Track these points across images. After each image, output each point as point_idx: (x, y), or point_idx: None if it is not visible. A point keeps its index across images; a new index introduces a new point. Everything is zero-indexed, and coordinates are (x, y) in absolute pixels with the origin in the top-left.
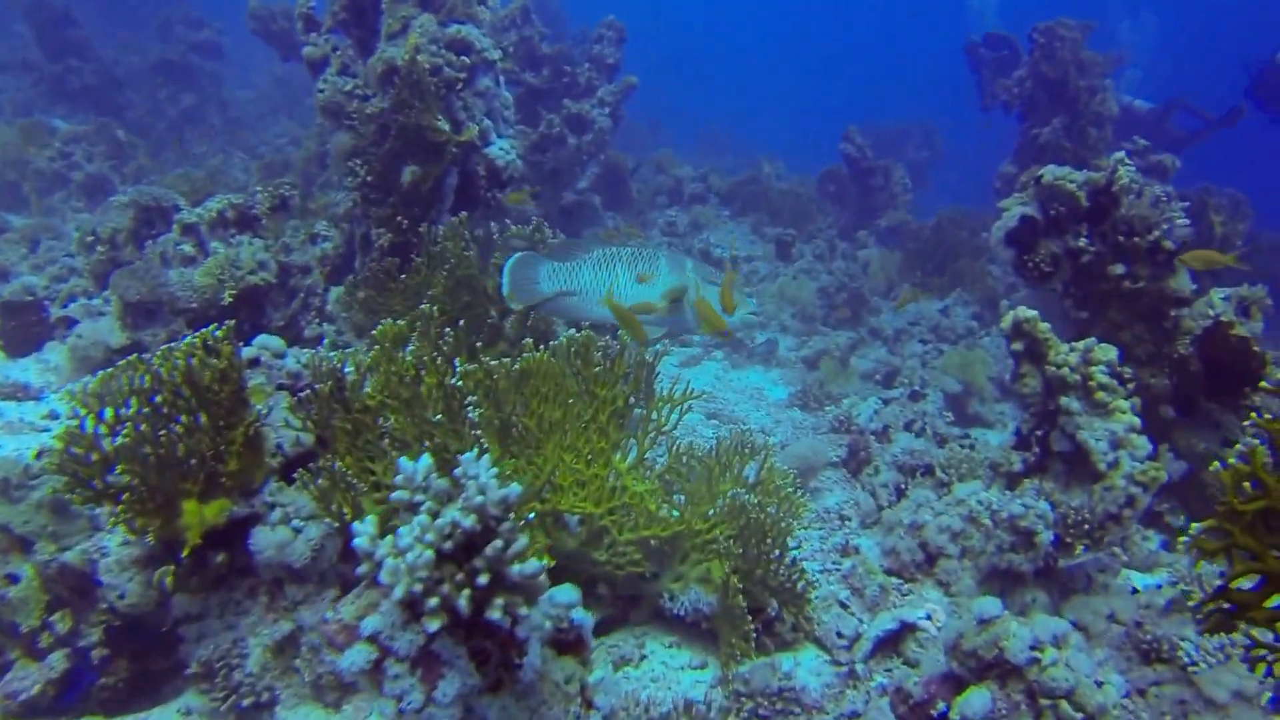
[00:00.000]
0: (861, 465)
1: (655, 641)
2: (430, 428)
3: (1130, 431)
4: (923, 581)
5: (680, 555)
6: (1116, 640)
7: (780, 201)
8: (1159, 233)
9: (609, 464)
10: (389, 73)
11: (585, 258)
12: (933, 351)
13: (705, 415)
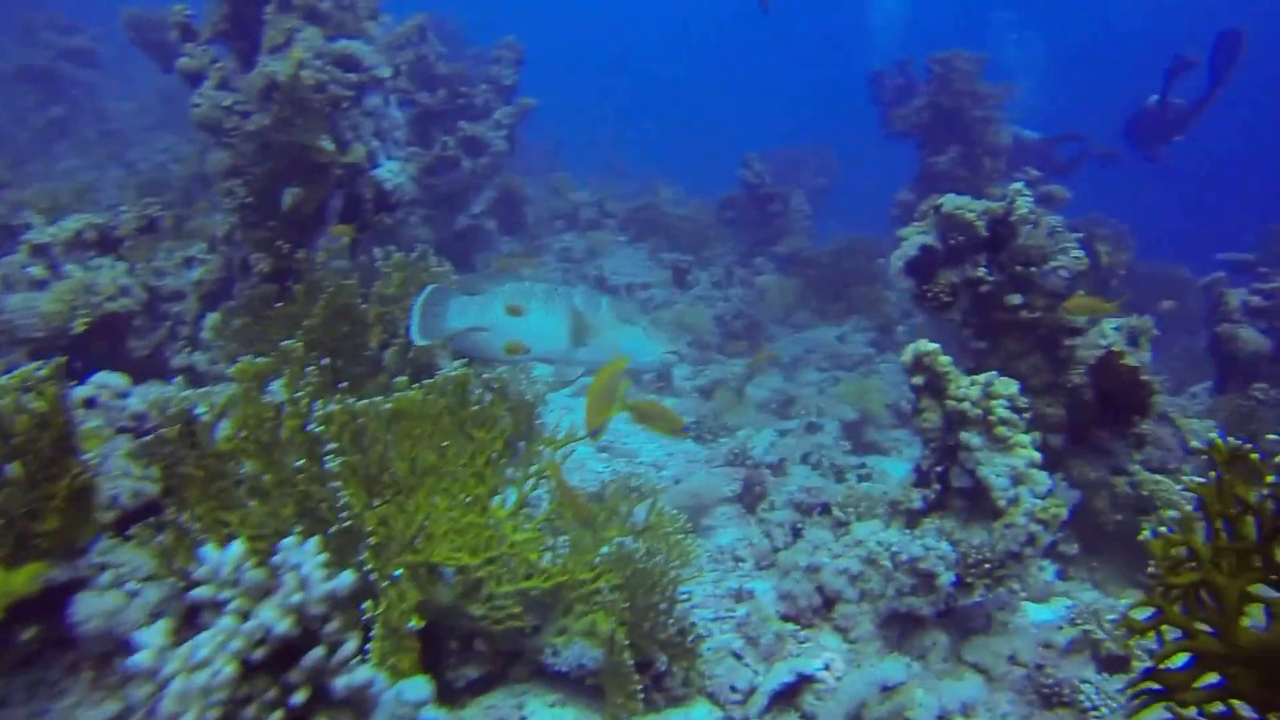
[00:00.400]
0: (757, 500)
1: (537, 700)
2: (293, 475)
3: (1030, 466)
4: (820, 627)
5: (563, 607)
6: (1018, 683)
7: (678, 227)
8: (1055, 263)
9: (487, 511)
10: (270, 88)
11: (497, 291)
12: (830, 379)
13: (596, 448)
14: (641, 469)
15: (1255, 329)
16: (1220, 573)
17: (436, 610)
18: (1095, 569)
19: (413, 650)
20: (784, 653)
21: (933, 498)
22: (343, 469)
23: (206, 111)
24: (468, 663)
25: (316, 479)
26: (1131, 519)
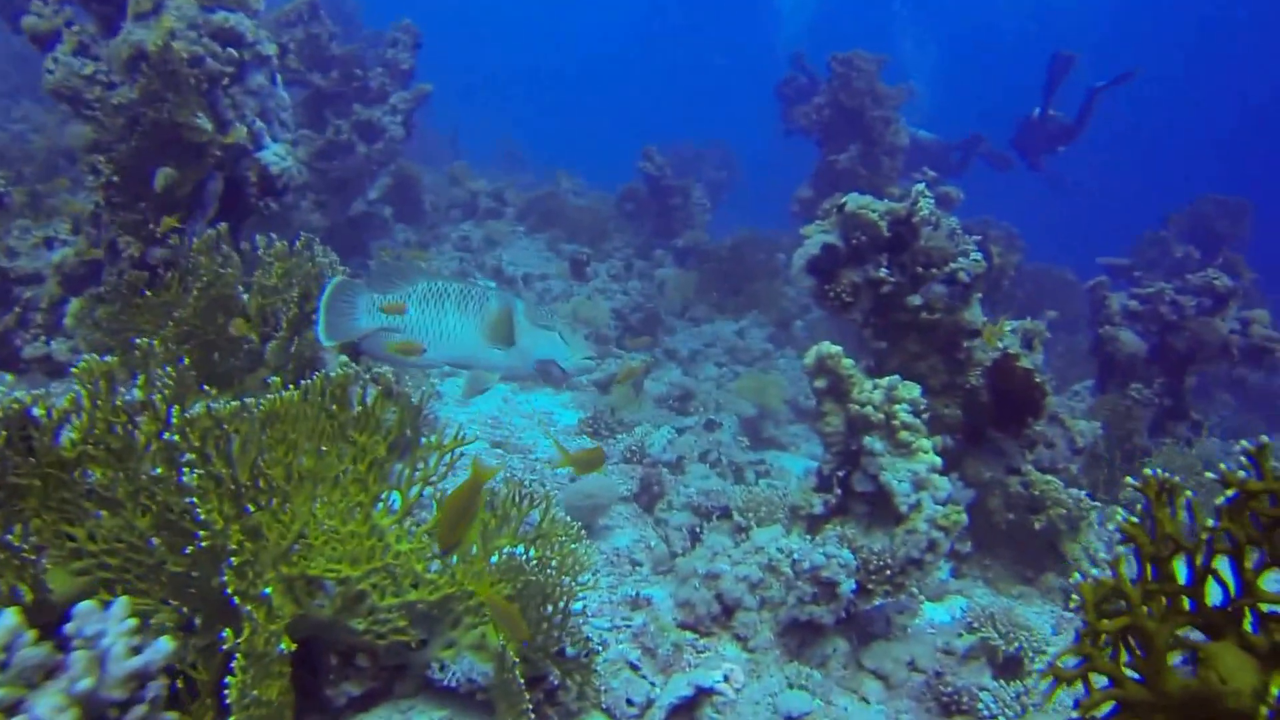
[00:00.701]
0: (654, 500)
1: (422, 716)
2: (150, 484)
3: (932, 472)
4: (719, 635)
5: (452, 620)
6: (917, 690)
7: (577, 218)
8: (955, 265)
9: (370, 519)
10: (137, 58)
11: (410, 291)
12: (728, 374)
13: (490, 444)
14: (538, 465)
15: (1133, 331)
16: (1150, 618)
17: (314, 625)
18: (988, 567)
19: (281, 676)
20: (682, 664)
21: (834, 502)
22: (201, 483)
23: (61, 79)
24: (348, 679)
25: (176, 490)
26: (1023, 518)
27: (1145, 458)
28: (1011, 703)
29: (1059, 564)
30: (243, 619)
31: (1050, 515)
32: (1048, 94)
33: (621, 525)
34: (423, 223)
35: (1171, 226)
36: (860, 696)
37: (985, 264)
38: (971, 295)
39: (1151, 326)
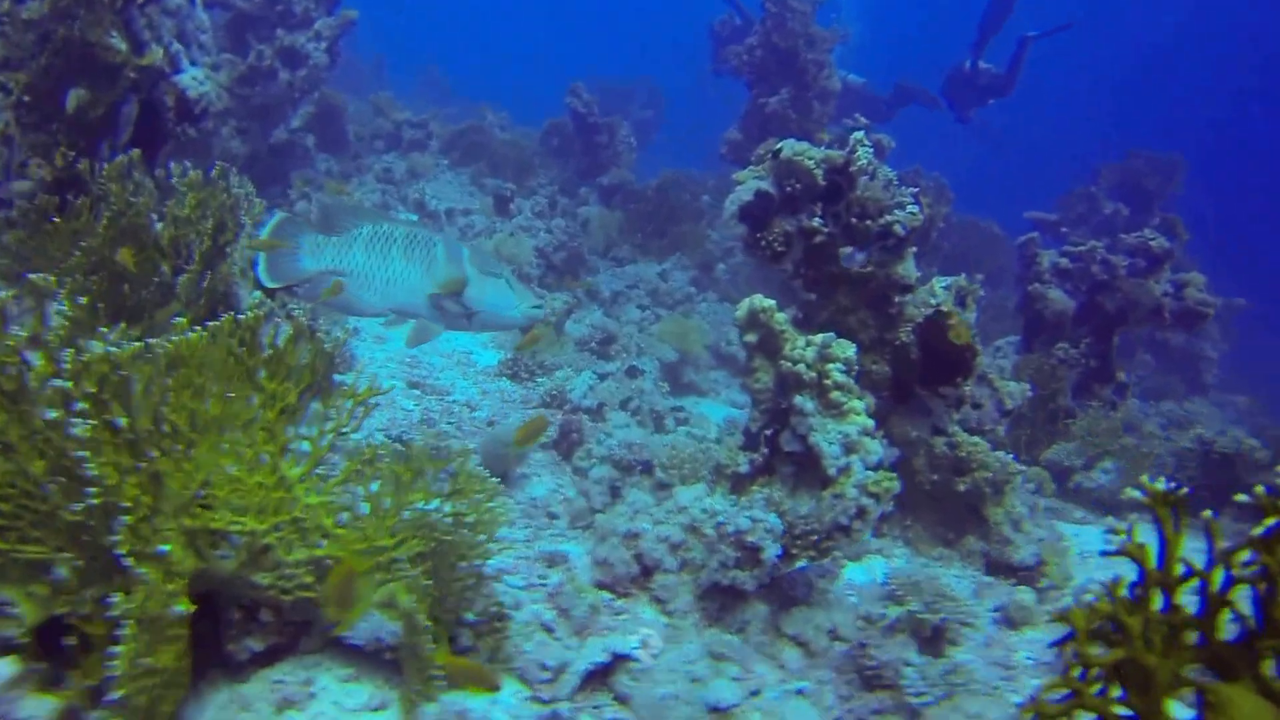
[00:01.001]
0: (573, 448)
1: (328, 675)
2: (44, 428)
3: (863, 435)
4: (638, 597)
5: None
6: (838, 660)
7: (502, 153)
8: (890, 217)
9: (277, 470)
10: None
11: (356, 234)
12: (650, 317)
13: (407, 384)
14: (455, 408)
15: (1062, 290)
16: (1150, 651)
17: (216, 579)
18: (909, 527)
19: (178, 640)
20: (598, 626)
21: (760, 461)
22: (94, 434)
23: None
24: (251, 634)
25: (71, 440)
26: (947, 479)
27: (1069, 419)
28: (939, 681)
29: (981, 527)
30: (134, 582)
31: (975, 478)
32: (981, 43)
33: (539, 473)
34: (345, 153)
35: (1102, 181)
36: (779, 664)
37: (921, 218)
38: (906, 249)
39: (1081, 285)
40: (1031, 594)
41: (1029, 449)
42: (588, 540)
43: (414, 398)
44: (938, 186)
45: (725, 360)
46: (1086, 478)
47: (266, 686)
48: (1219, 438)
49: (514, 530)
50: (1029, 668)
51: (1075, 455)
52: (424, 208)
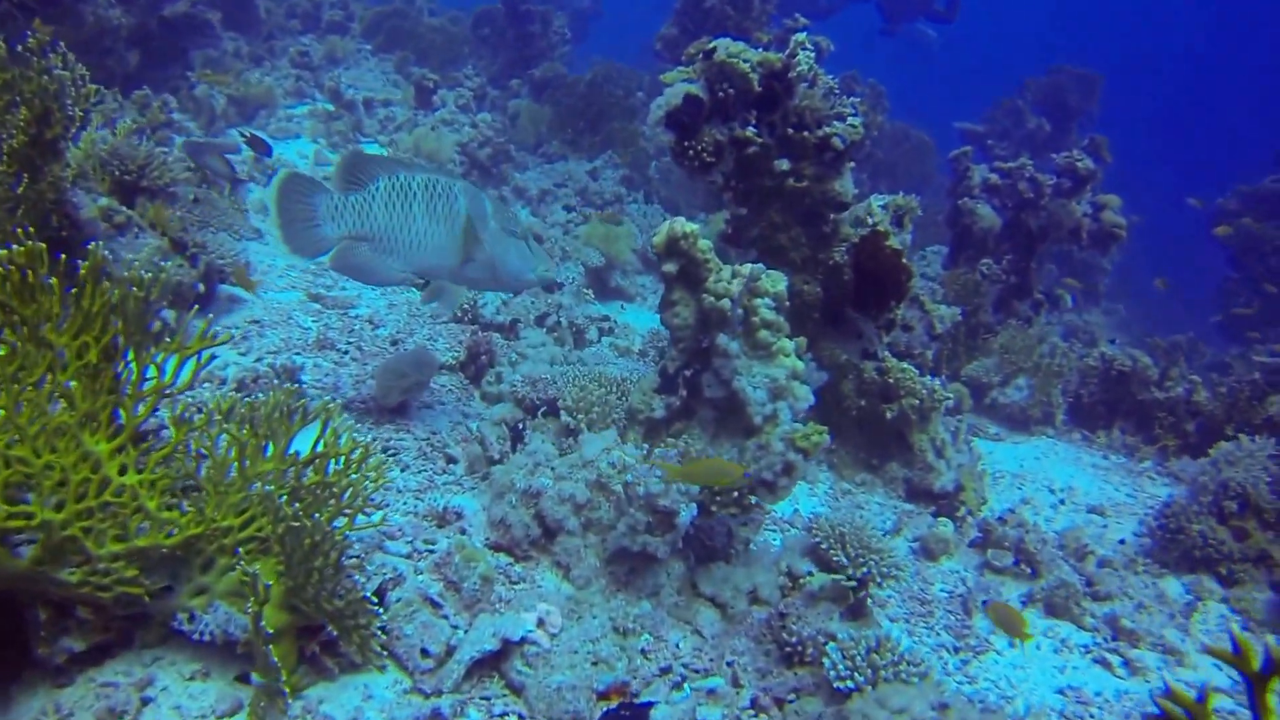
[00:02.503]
0: (482, 371)
1: (170, 673)
2: None
3: (792, 379)
4: (538, 561)
5: (203, 562)
6: (756, 629)
7: (429, 40)
8: (829, 129)
9: (80, 446)
10: None
11: (374, 189)
12: (578, 219)
13: (306, 295)
14: (357, 325)
15: (990, 206)
16: None
17: (8, 577)
18: (833, 451)
19: None
20: (491, 599)
21: (677, 405)
22: None
23: None
24: (67, 633)
25: None
26: (874, 405)
27: (989, 335)
28: (861, 663)
29: (905, 453)
30: None
31: (902, 405)
32: None
33: (443, 402)
34: (256, 32)
35: (1028, 94)
36: (694, 629)
37: (862, 131)
38: (844, 164)
39: (1008, 202)
40: (950, 526)
41: (950, 363)
42: (486, 492)
43: (313, 313)
44: (874, 94)
45: (653, 264)
46: (1002, 394)
47: (91, 690)
48: (1118, 354)
49: (407, 476)
50: (943, 600)
51: (993, 372)
52: (339, 96)
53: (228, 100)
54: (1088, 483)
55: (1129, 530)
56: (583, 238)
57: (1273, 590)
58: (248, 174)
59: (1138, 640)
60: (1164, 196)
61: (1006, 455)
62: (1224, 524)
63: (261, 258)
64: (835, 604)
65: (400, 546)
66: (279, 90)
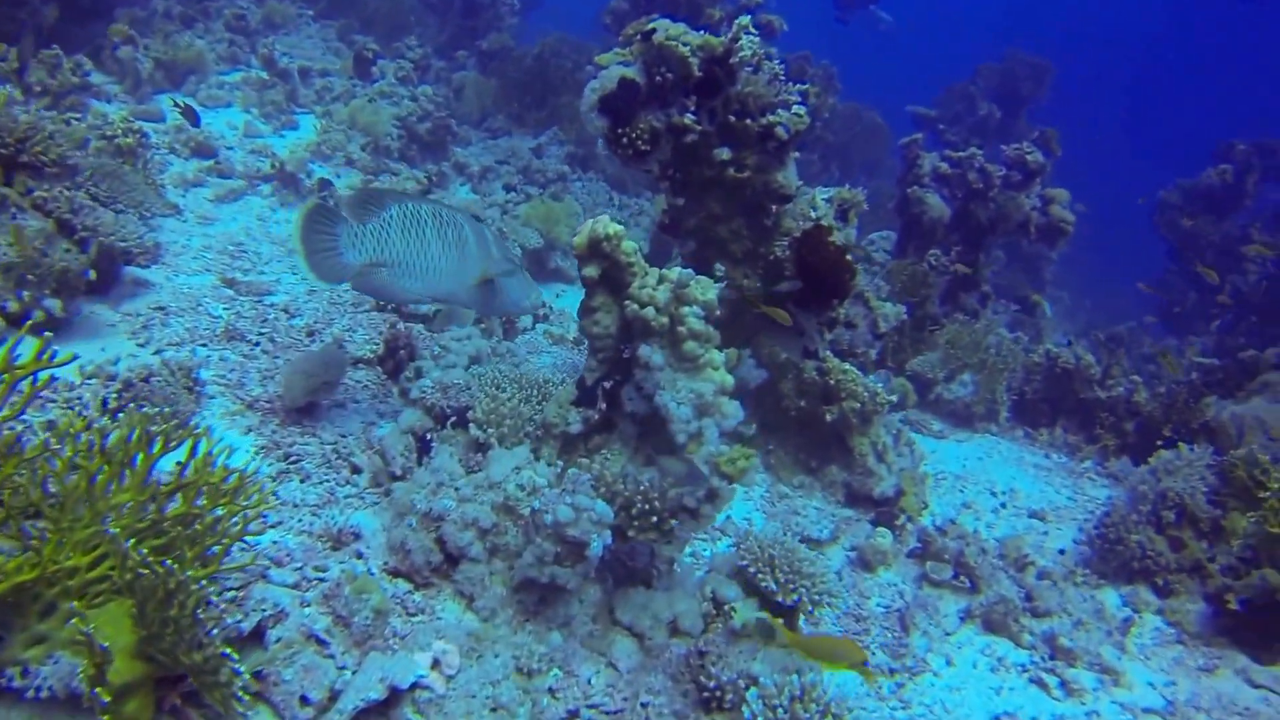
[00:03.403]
0: (401, 366)
1: None
2: None
3: (720, 394)
4: (439, 589)
5: (40, 607)
6: (675, 665)
7: (375, 6)
8: (773, 117)
9: None
10: None
11: (388, 218)
12: (518, 198)
13: (219, 280)
14: (272, 314)
15: (940, 195)
16: None
17: None
18: (771, 452)
19: None
20: (385, 635)
21: (596, 419)
22: None
23: None
24: None
25: None
26: (815, 406)
27: (936, 327)
28: (783, 715)
29: (845, 457)
30: None
31: (843, 407)
32: None
33: (357, 401)
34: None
35: (980, 80)
36: (609, 661)
37: (809, 119)
38: (788, 154)
39: (958, 192)
40: (889, 537)
41: (895, 356)
42: (389, 509)
43: (225, 300)
44: (826, 75)
45: None
46: (947, 389)
47: None
48: (1063, 352)
49: (307, 489)
50: (880, 617)
51: (939, 367)
52: (273, 65)
53: (155, 64)
54: (1029, 485)
55: (1069, 537)
56: (522, 217)
57: (1205, 601)
58: (168, 145)
59: (1075, 659)
60: (1114, 183)
61: (949, 455)
62: (1161, 534)
63: (175, 236)
64: (760, 641)
65: (287, 575)
66: (211, 55)
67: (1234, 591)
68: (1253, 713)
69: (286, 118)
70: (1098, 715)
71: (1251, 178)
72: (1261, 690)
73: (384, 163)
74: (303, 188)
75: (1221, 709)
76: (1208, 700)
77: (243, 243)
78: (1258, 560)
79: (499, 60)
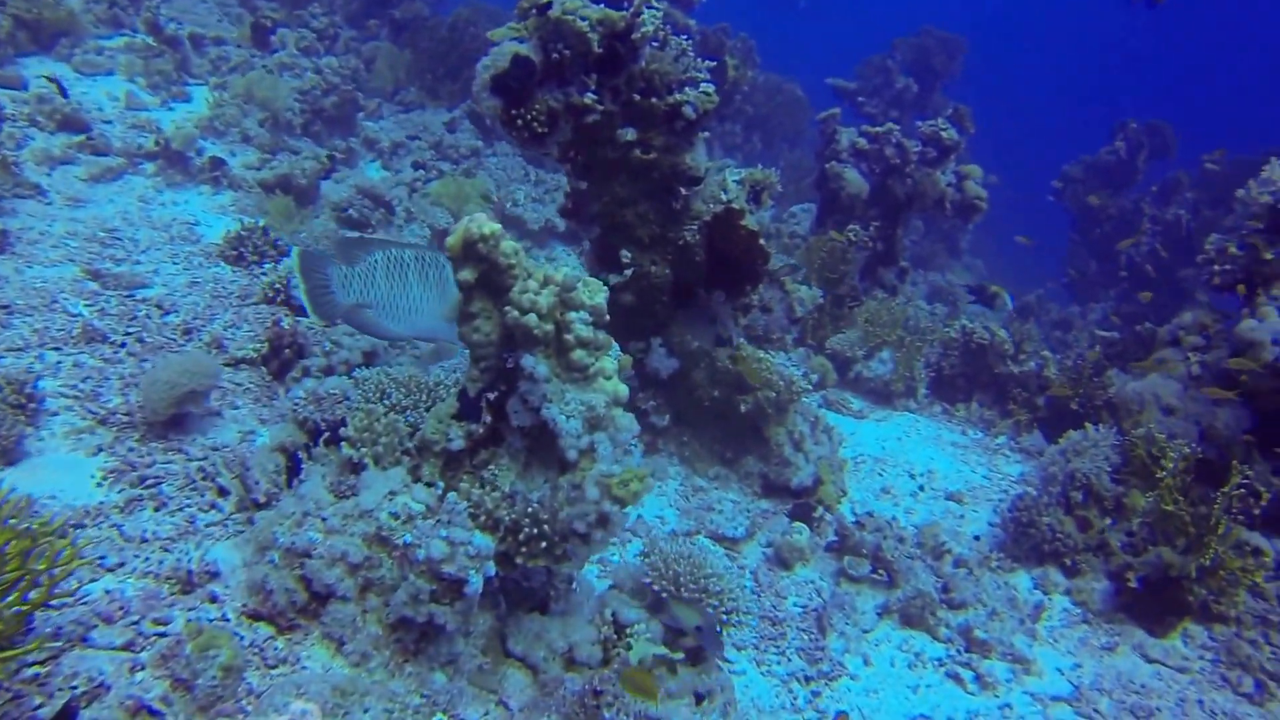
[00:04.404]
0: (288, 365)
1: None
2: None
3: (613, 405)
4: (306, 631)
5: None
6: (569, 705)
7: None
8: (680, 96)
9: None
10: None
11: (373, 262)
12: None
13: (84, 272)
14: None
15: (858, 170)
16: None
17: None
18: (686, 444)
19: None
20: (237, 695)
21: (481, 433)
22: None
23: None
24: None
25: None
26: (729, 396)
27: (855, 304)
28: None
29: (761, 447)
30: None
31: (759, 397)
32: None
33: (236, 406)
34: None
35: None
36: (500, 699)
37: (716, 99)
38: (696, 135)
39: (875, 167)
40: (805, 533)
41: (815, 334)
42: (247, 545)
43: (87, 295)
44: (745, 48)
45: (511, 222)
46: (866, 367)
47: None
48: (977, 328)
49: (161, 518)
50: (796, 618)
51: (858, 345)
52: (159, 31)
53: (14, 23)
54: (947, 465)
55: (985, 518)
56: (432, 195)
57: (1109, 579)
58: (26, 117)
59: (989, 651)
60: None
61: (869, 435)
62: (1070, 515)
63: (32, 221)
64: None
65: (115, 635)
66: (87, 17)
67: (1133, 569)
68: (1148, 689)
69: (177, 89)
70: (1010, 708)
71: (1142, 154)
72: (1155, 665)
73: (283, 139)
74: (192, 167)
75: (1121, 689)
76: (1109, 681)
77: (117, 228)
78: (1154, 538)
79: (412, 30)
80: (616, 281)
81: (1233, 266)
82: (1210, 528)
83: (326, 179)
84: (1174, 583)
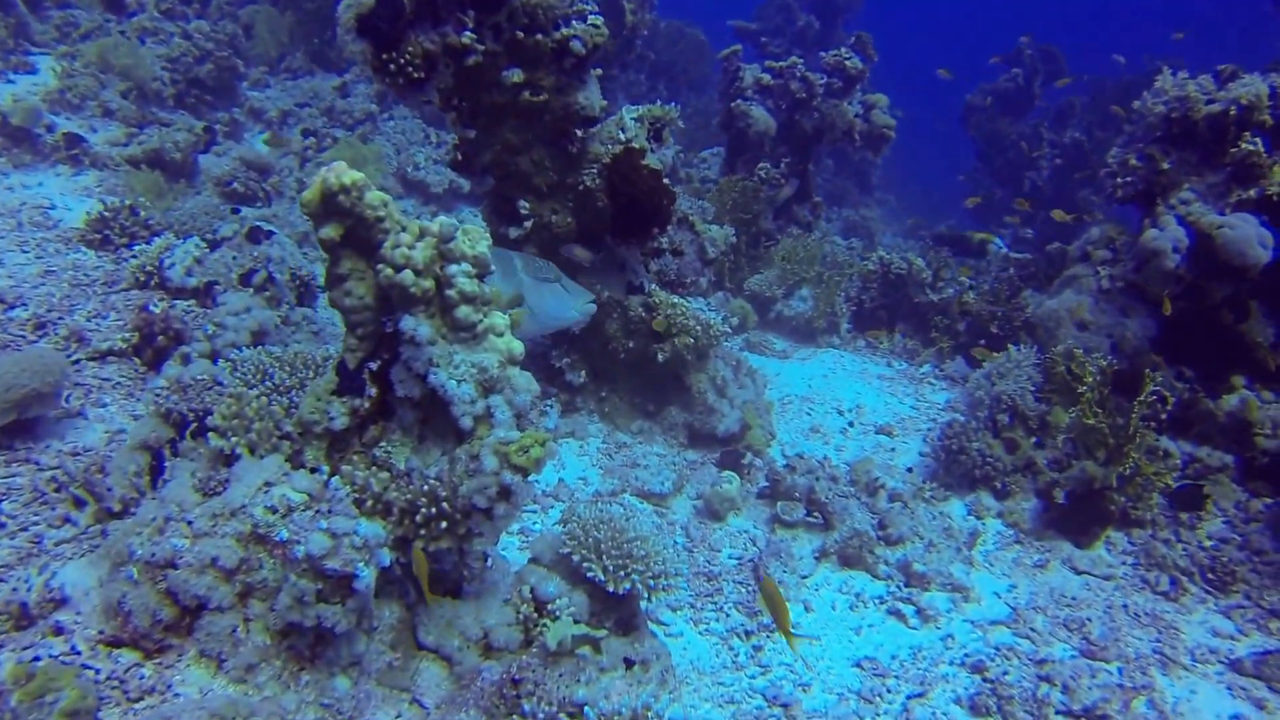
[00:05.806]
0: (164, 355)
1: None
2: None
3: (507, 365)
4: (179, 651)
5: None
6: (488, 696)
7: None
8: (566, 30)
9: None
10: None
11: None
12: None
13: None
14: None
15: (764, 107)
16: None
17: None
18: (605, 400)
19: None
20: None
21: (367, 409)
22: None
23: None
24: None
25: None
26: (645, 346)
27: (770, 243)
28: None
29: (684, 395)
30: None
31: (676, 344)
32: None
33: (103, 404)
34: None
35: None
36: (414, 698)
37: (605, 31)
38: (588, 72)
39: (781, 103)
40: (735, 482)
41: (733, 276)
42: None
43: None
44: None
45: (413, 187)
46: (786, 306)
47: None
48: (894, 259)
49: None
50: (732, 571)
51: (776, 285)
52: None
53: None
54: (874, 398)
55: (915, 449)
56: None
57: (1037, 497)
58: None
59: (928, 583)
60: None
61: (794, 375)
62: (998, 438)
63: None
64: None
65: None
66: None
67: (1059, 485)
68: (1079, 601)
69: (16, 59)
70: (951, 638)
71: (1037, 80)
72: (1083, 575)
73: (153, 112)
74: (42, 145)
75: (1054, 604)
76: (1043, 598)
77: None
78: (1077, 452)
79: None
80: (517, 235)
81: (1133, 178)
82: (1129, 437)
83: (205, 152)
84: (1097, 494)
